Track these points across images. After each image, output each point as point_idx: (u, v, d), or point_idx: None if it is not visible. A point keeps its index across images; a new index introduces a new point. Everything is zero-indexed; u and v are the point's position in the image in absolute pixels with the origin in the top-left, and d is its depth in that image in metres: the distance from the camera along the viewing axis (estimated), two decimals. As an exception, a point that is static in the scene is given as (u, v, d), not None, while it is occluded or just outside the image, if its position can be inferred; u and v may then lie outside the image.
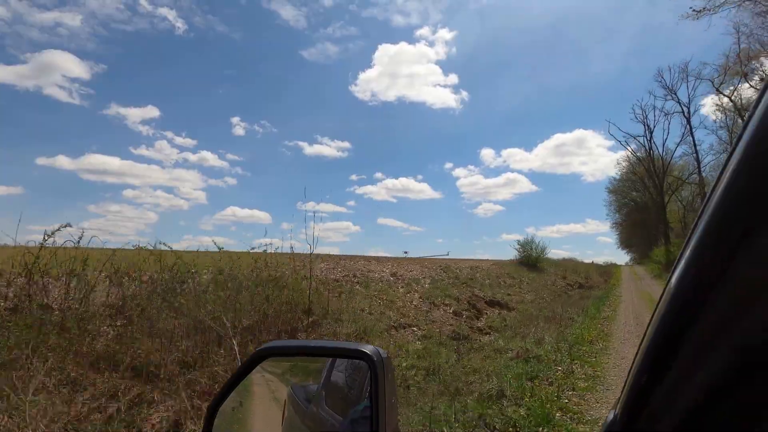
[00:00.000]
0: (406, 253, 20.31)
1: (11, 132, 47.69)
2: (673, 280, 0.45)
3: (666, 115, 35.69)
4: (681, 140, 35.75)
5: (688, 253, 0.43)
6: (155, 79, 64.45)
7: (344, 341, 4.77)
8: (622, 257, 72.54)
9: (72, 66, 55.90)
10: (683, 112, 33.89)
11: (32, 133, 51.91)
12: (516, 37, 78.62)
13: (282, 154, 65.74)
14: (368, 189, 63.77)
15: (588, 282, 21.59)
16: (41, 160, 50.40)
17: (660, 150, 37.96)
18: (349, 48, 75.46)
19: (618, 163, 54.24)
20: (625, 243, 68.91)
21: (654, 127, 37.60)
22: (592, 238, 77.93)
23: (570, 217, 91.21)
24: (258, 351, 1.03)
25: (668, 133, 40.85)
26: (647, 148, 38.71)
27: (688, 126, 33.90)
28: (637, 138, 38.77)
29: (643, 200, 55.93)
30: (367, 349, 0.95)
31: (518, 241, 22.84)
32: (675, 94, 33.71)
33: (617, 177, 56.12)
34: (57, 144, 56.83)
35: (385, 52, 75.32)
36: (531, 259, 21.67)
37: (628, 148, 40.56)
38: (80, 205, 50.40)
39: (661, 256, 33.95)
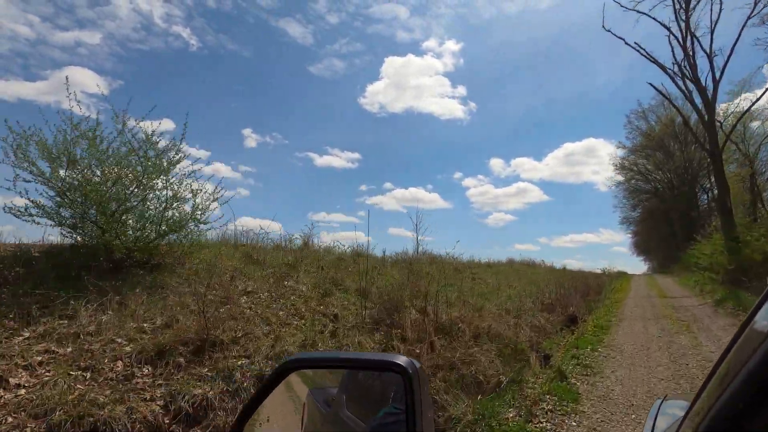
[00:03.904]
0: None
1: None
2: None
3: None
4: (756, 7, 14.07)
5: None
6: (170, 94, 63.60)
7: (374, 352, 4.61)
8: (639, 267, 56.49)
9: (90, 82, 53.90)
10: None
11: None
12: (522, 48, 75.93)
13: (293, 165, 65.86)
14: (378, 199, 61.07)
15: (451, 345, 4.76)
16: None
17: (708, 46, 15.97)
18: (356, 63, 76.66)
19: (629, 122, 35.77)
20: (641, 246, 49.95)
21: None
22: (606, 248, 72.64)
23: (583, 227, 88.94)
24: (285, 363, 0.99)
25: (719, 15, 15.74)
26: (682, 34, 16.53)
27: None
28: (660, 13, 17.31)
29: (668, 169, 36.82)
30: (401, 360, 0.91)
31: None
32: None
33: (628, 143, 38.52)
34: (71, 156, 52.16)
35: (391, 64, 75.51)
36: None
37: (641, 50, 17.84)
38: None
39: (717, 254, 15.24)
